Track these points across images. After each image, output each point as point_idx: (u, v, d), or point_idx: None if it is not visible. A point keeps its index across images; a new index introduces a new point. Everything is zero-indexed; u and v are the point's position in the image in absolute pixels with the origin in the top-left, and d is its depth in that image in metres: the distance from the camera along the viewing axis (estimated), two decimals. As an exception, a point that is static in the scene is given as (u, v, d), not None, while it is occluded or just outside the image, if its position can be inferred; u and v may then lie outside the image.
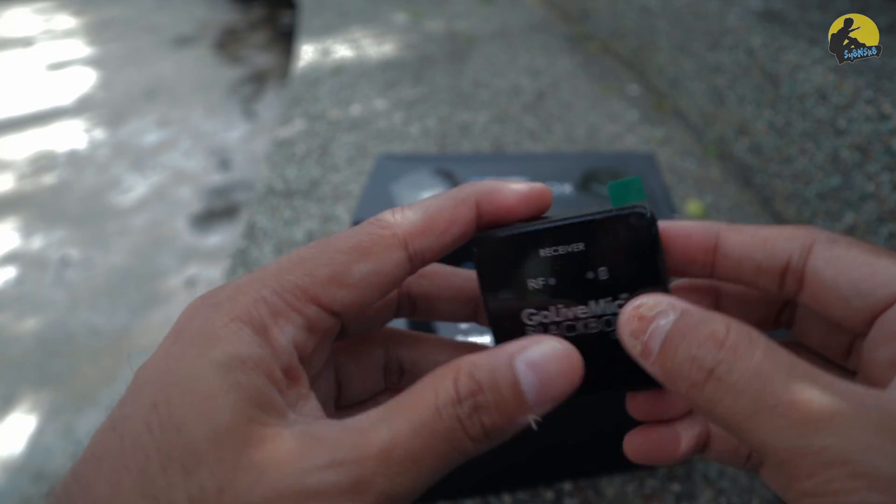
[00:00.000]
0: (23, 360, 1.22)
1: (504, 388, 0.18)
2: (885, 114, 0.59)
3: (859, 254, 0.19)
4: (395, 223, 0.20)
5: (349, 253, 0.19)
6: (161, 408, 0.17)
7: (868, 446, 0.14)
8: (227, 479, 0.16)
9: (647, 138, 1.00)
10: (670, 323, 0.18)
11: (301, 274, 0.19)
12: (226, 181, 1.77)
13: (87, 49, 2.85)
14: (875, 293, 0.18)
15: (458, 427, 0.17)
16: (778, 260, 0.20)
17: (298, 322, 0.19)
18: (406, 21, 1.64)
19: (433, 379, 0.18)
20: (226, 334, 0.18)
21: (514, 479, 0.49)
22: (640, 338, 0.18)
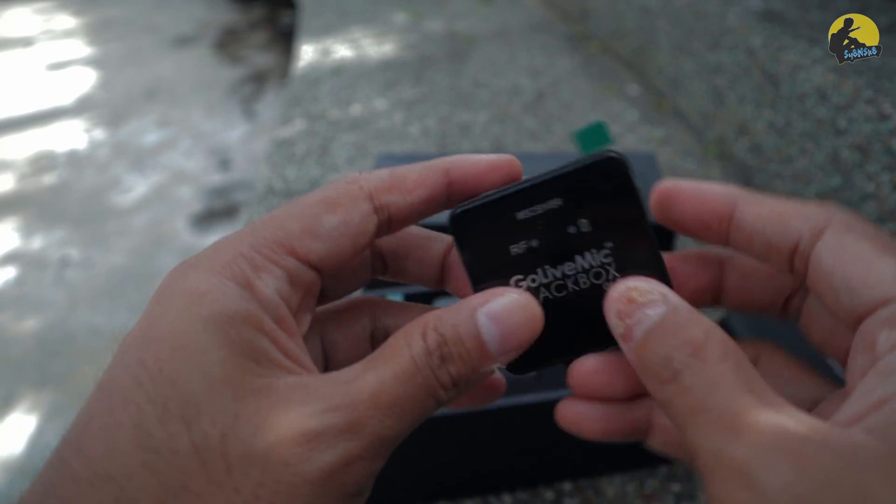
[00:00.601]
0: (23, 360, 1.22)
1: (467, 340, 0.19)
2: (885, 114, 0.59)
3: (865, 246, 0.18)
4: (363, 178, 0.21)
5: (318, 206, 0.20)
6: (149, 363, 0.17)
7: (767, 463, 0.14)
8: (230, 426, 0.16)
9: (647, 138, 1.00)
10: (658, 315, 0.18)
11: (275, 228, 0.19)
12: (226, 181, 1.77)
13: (87, 49, 2.85)
14: (862, 293, 0.17)
15: (432, 376, 0.18)
16: (788, 239, 0.19)
17: (279, 274, 0.19)
18: (406, 21, 1.64)
19: (405, 333, 0.19)
20: (209, 289, 0.18)
21: (514, 479, 0.49)
22: (626, 320, 0.19)
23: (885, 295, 0.17)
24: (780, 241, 0.19)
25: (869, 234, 0.18)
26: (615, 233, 0.21)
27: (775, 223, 0.19)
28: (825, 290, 0.18)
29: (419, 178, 0.21)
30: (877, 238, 0.18)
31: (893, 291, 0.17)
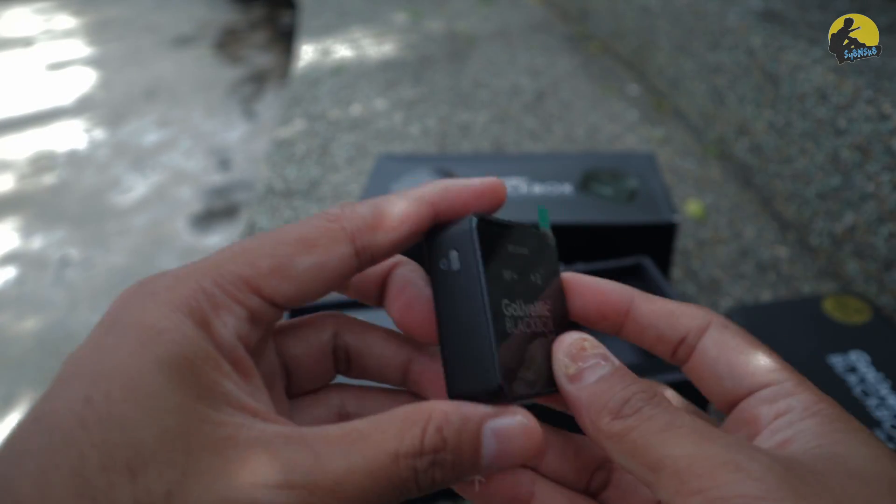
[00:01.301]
0: (23, 360, 1.22)
1: (466, 451, 0.18)
2: (885, 114, 0.59)
3: (741, 342, 0.21)
4: (344, 216, 0.20)
5: (293, 245, 0.19)
6: (97, 402, 0.16)
7: (745, 455, 0.17)
8: (177, 484, 0.15)
9: (647, 138, 1.00)
10: (609, 369, 0.20)
11: (242, 264, 0.19)
12: (226, 181, 1.77)
13: (87, 49, 2.85)
14: (744, 379, 0.21)
15: (412, 477, 0.18)
16: (678, 333, 0.22)
17: (241, 314, 0.18)
18: (406, 21, 1.64)
19: (403, 420, 0.18)
20: (167, 327, 0.17)
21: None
22: (579, 363, 0.21)
23: (762, 381, 0.20)
24: (670, 334, 0.22)
25: (741, 333, 0.22)
26: (553, 293, 0.23)
27: (667, 320, 0.23)
28: (708, 375, 0.22)
29: (405, 215, 0.21)
30: (747, 336, 0.22)
31: (770, 378, 0.20)
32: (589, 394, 0.20)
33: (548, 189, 0.62)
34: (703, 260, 0.72)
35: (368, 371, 0.24)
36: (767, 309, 0.53)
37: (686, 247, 0.74)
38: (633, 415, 0.19)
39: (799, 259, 0.72)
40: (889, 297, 0.60)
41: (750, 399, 0.20)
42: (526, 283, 0.22)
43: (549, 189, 0.62)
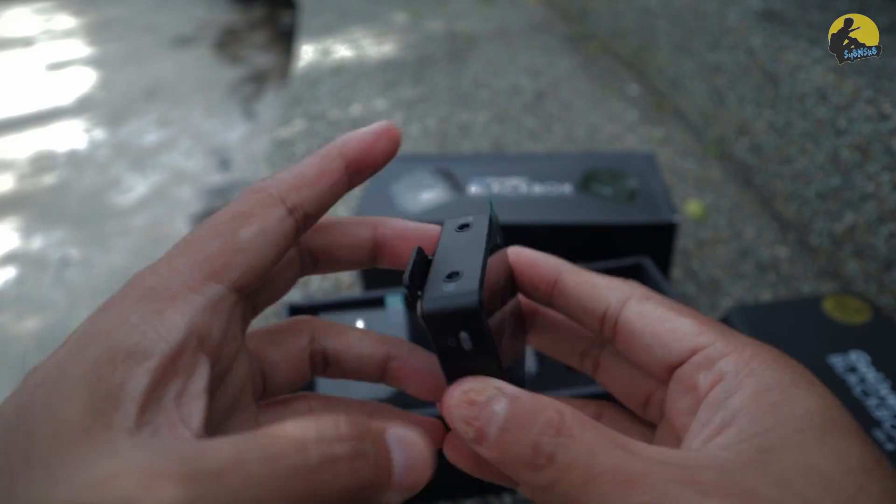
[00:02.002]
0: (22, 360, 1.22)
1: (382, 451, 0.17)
2: (885, 114, 0.59)
3: (665, 311, 0.22)
4: (268, 184, 0.21)
5: (231, 221, 0.20)
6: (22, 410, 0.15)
7: (673, 496, 0.16)
8: (22, 480, 0.14)
9: (647, 138, 1.00)
10: (504, 409, 0.18)
11: (192, 253, 0.19)
12: (226, 181, 1.77)
13: (87, 49, 2.85)
14: (672, 347, 0.21)
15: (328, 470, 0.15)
16: (599, 305, 0.23)
17: (198, 302, 0.18)
18: (406, 21, 1.64)
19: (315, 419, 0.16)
20: (109, 328, 0.17)
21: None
22: (474, 423, 0.19)
23: (691, 346, 0.21)
24: (592, 306, 0.23)
25: (663, 301, 0.22)
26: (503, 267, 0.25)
27: (589, 292, 0.23)
28: (636, 347, 0.22)
29: (319, 168, 0.22)
30: (669, 304, 0.22)
31: (698, 343, 0.21)
32: (497, 451, 0.18)
33: (548, 189, 0.62)
34: (703, 260, 0.72)
35: (346, 371, 0.24)
36: (767, 309, 0.53)
37: (686, 247, 0.74)
38: (548, 465, 0.17)
39: (799, 259, 0.72)
40: (889, 297, 0.60)
41: (685, 366, 0.21)
42: (503, 287, 0.23)
43: (549, 189, 0.62)
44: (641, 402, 0.24)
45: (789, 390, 0.18)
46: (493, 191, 0.63)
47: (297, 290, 0.72)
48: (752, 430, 0.18)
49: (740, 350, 0.20)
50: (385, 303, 0.52)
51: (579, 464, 0.17)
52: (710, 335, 0.21)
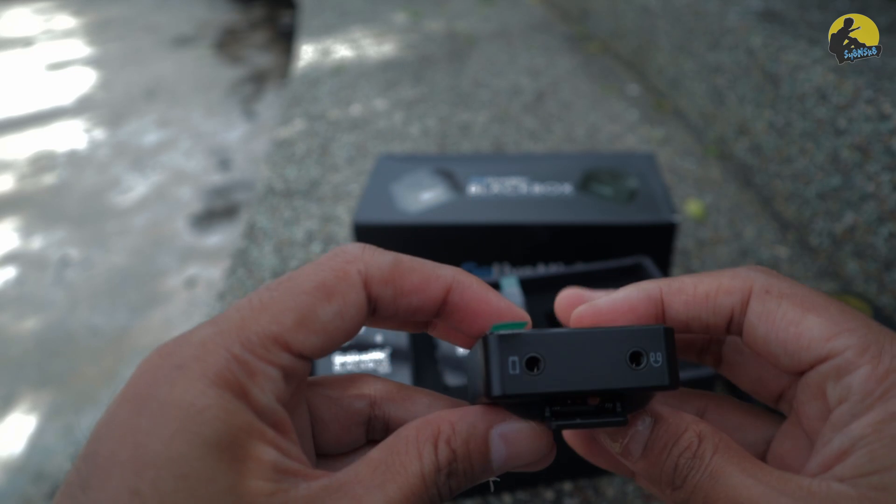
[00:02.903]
0: (23, 360, 1.22)
1: (476, 458, 0.19)
2: (885, 114, 0.59)
3: (789, 309, 0.20)
4: (361, 258, 0.19)
5: (313, 293, 0.18)
6: (147, 494, 0.15)
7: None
8: None
9: (647, 138, 1.00)
10: (648, 429, 0.20)
11: (267, 322, 0.18)
12: (226, 181, 1.77)
13: (87, 49, 2.85)
14: (799, 356, 0.19)
15: (437, 493, 0.18)
16: (721, 317, 0.21)
17: (275, 375, 0.18)
18: (406, 21, 1.64)
19: (416, 440, 0.18)
20: (207, 404, 0.16)
21: (514, 479, 0.49)
22: (620, 441, 0.20)
23: (819, 353, 0.19)
24: (714, 320, 0.21)
25: (785, 293, 0.20)
26: None
27: (704, 306, 0.21)
28: (765, 352, 0.20)
29: (420, 284, 0.20)
30: (794, 295, 0.20)
31: (825, 350, 0.19)
32: (642, 468, 0.20)
33: (548, 189, 0.62)
34: (703, 260, 0.72)
35: None
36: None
37: (686, 247, 0.74)
38: (682, 486, 0.19)
39: (799, 259, 0.72)
40: (889, 297, 0.60)
41: (813, 372, 0.19)
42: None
43: (549, 189, 0.62)
44: (773, 397, 0.23)
45: None
46: (493, 191, 0.63)
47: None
48: (871, 466, 0.17)
49: (875, 361, 0.18)
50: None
51: (702, 487, 0.18)
52: (844, 339, 0.19)
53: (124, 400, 0.16)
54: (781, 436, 0.22)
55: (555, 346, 0.19)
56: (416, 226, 0.59)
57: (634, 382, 0.19)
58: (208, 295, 1.33)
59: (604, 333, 0.20)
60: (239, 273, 0.76)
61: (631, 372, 0.19)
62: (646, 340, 0.19)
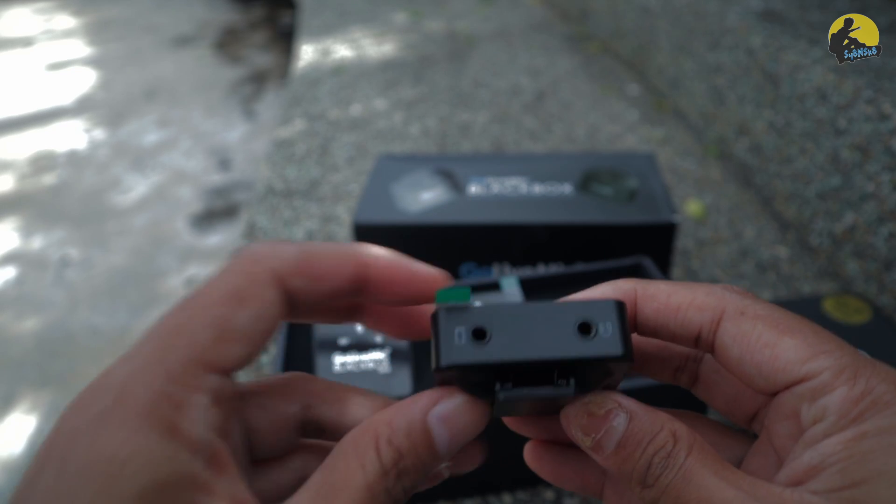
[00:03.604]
0: (23, 360, 1.22)
1: (421, 448, 0.18)
2: (885, 114, 0.59)
3: (764, 331, 0.19)
4: (267, 255, 0.18)
5: (225, 303, 0.17)
6: None
7: None
8: None
9: (647, 138, 1.00)
10: (623, 425, 0.19)
11: (185, 346, 0.17)
12: (226, 181, 1.77)
13: (87, 49, 2.85)
14: (775, 377, 0.19)
15: (388, 498, 0.17)
16: (690, 331, 0.21)
17: (205, 402, 0.16)
18: (406, 21, 1.64)
19: (355, 450, 0.18)
20: (129, 455, 0.14)
21: (514, 479, 0.49)
22: (592, 435, 0.20)
23: (794, 375, 0.19)
24: (682, 332, 0.21)
25: (760, 315, 0.20)
26: None
27: (673, 318, 0.21)
28: (739, 373, 0.20)
29: (333, 267, 0.19)
30: (769, 317, 0.20)
31: (801, 372, 0.19)
32: (613, 464, 0.20)
33: (548, 189, 0.62)
34: (703, 260, 0.72)
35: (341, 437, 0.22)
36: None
37: (686, 247, 0.74)
38: (654, 485, 0.19)
39: (799, 259, 0.72)
40: (889, 297, 0.60)
41: (787, 393, 0.19)
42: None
43: (549, 189, 0.62)
44: (747, 417, 0.23)
45: (889, 438, 0.17)
46: (493, 191, 0.63)
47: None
48: (843, 482, 0.17)
49: (851, 383, 0.18)
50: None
51: (674, 488, 0.18)
52: (820, 361, 0.19)
53: (43, 462, 0.15)
54: (751, 454, 0.22)
55: (502, 317, 0.19)
56: (416, 226, 0.59)
57: (584, 352, 0.19)
58: (208, 295, 1.32)
59: (553, 306, 0.19)
60: (239, 273, 0.76)
61: (580, 342, 0.19)
62: (595, 311, 0.19)
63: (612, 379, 0.20)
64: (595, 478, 0.24)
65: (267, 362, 0.63)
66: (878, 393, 0.18)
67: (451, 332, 0.19)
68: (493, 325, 0.19)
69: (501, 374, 0.19)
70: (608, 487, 0.24)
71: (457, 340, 0.19)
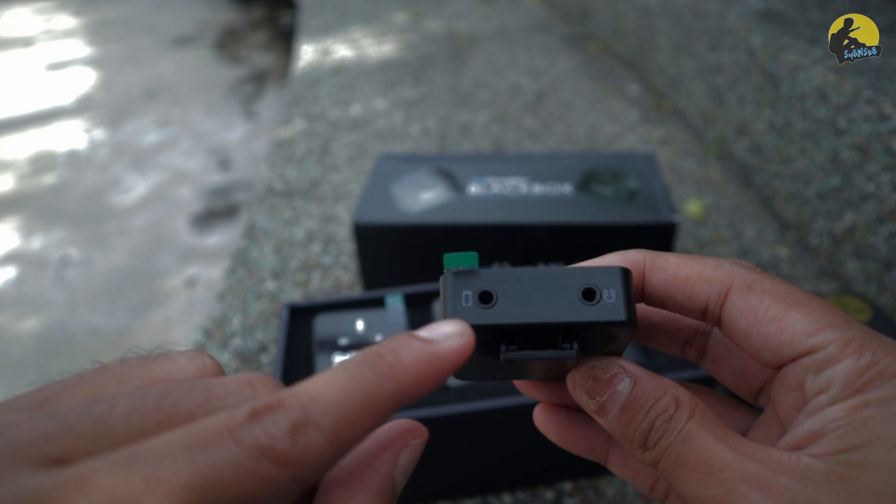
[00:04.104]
0: (23, 360, 1.22)
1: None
2: (885, 114, 0.59)
3: (772, 304, 0.20)
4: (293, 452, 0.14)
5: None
6: None
7: (740, 496, 0.17)
8: None
9: (647, 138, 1.00)
10: (627, 389, 0.20)
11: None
12: (226, 181, 1.77)
13: (87, 49, 2.85)
14: (781, 350, 0.19)
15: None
16: (696, 303, 0.21)
17: None
18: (406, 21, 1.64)
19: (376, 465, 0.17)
20: None
21: (514, 479, 0.49)
22: (597, 398, 0.20)
23: (801, 348, 0.19)
24: (689, 304, 0.21)
25: (768, 289, 0.20)
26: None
27: (681, 290, 0.21)
28: (745, 345, 0.20)
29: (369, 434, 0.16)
30: (777, 292, 0.20)
31: (808, 345, 0.19)
32: (615, 427, 0.20)
33: (548, 189, 0.62)
34: (703, 260, 0.72)
35: None
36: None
37: (686, 247, 0.74)
38: (655, 447, 0.19)
39: (799, 259, 0.72)
40: (889, 297, 0.60)
41: (793, 366, 0.19)
42: None
43: (549, 189, 0.62)
44: (754, 391, 0.23)
45: (890, 406, 0.17)
46: (493, 191, 0.63)
47: (297, 290, 0.72)
48: (841, 446, 0.17)
49: (857, 356, 0.18)
50: (385, 303, 0.52)
51: (674, 449, 0.19)
52: (826, 334, 0.19)
53: None
54: (756, 426, 0.22)
55: (509, 282, 0.19)
56: (415, 226, 0.59)
57: (587, 317, 0.19)
58: (208, 295, 1.33)
59: (559, 271, 0.20)
60: (239, 273, 0.76)
61: (584, 307, 0.19)
62: (600, 277, 0.19)
63: (616, 344, 0.21)
64: (600, 443, 0.24)
65: (267, 362, 0.63)
66: (884, 365, 0.18)
67: (458, 295, 0.19)
68: (499, 288, 0.19)
69: (507, 337, 0.20)
70: (612, 453, 0.24)
71: (464, 303, 0.19)
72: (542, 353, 0.20)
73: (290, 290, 0.72)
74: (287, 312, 0.50)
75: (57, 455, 0.13)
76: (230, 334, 0.67)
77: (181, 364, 0.17)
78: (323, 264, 0.76)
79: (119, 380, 0.17)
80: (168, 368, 0.17)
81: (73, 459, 0.13)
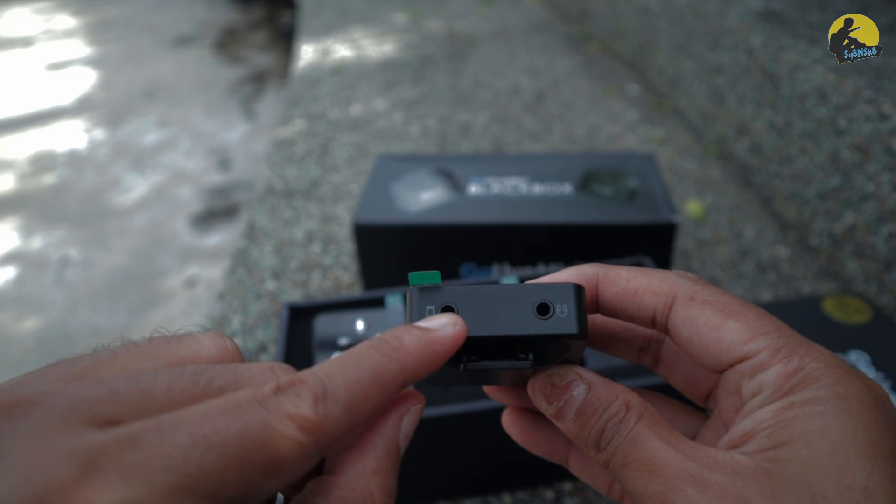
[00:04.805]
0: (23, 360, 1.22)
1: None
2: (885, 114, 0.59)
3: (711, 314, 0.21)
4: (315, 419, 0.16)
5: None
6: None
7: (677, 491, 0.19)
8: None
9: (647, 138, 1.00)
10: (582, 395, 0.21)
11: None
12: (226, 181, 1.77)
13: (87, 49, 2.85)
14: (719, 357, 0.21)
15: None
16: (645, 313, 0.23)
17: None
18: (406, 21, 1.64)
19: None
20: None
21: (514, 479, 0.49)
22: (554, 403, 0.22)
23: (737, 355, 0.21)
24: (639, 315, 0.23)
25: (709, 301, 0.22)
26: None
27: (631, 302, 0.23)
28: (689, 353, 0.22)
29: (375, 406, 0.19)
30: (716, 302, 0.22)
31: (742, 351, 0.21)
32: (572, 430, 0.22)
33: (548, 189, 0.62)
34: (703, 260, 0.72)
35: None
36: (767, 309, 0.53)
37: (686, 247, 0.74)
38: (606, 448, 0.21)
39: (799, 259, 0.72)
40: (889, 297, 0.60)
41: (731, 371, 0.21)
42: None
43: (549, 189, 0.62)
44: (703, 395, 0.25)
45: (811, 407, 0.19)
46: (493, 191, 0.63)
47: (297, 290, 0.72)
48: (768, 443, 0.19)
49: (786, 361, 0.20)
50: (385, 303, 0.52)
51: (623, 449, 0.20)
52: (759, 342, 0.20)
53: None
54: (705, 428, 0.24)
55: (469, 297, 0.21)
56: (415, 226, 0.59)
57: (541, 330, 0.21)
58: (208, 295, 1.33)
59: (516, 287, 0.21)
60: (239, 273, 0.76)
61: (538, 321, 0.21)
62: (553, 293, 0.21)
63: (570, 354, 0.22)
64: (561, 446, 0.26)
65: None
66: (810, 370, 0.20)
67: (422, 309, 0.21)
68: (460, 303, 0.21)
69: (467, 348, 0.21)
70: (572, 455, 0.26)
71: (427, 316, 0.21)
72: (500, 364, 0.21)
73: (290, 290, 0.72)
74: (287, 312, 0.50)
75: (108, 416, 0.15)
76: (230, 334, 0.67)
77: (204, 343, 0.19)
78: (323, 264, 0.76)
79: (149, 356, 0.18)
80: (192, 347, 0.19)
81: (122, 421, 0.15)
